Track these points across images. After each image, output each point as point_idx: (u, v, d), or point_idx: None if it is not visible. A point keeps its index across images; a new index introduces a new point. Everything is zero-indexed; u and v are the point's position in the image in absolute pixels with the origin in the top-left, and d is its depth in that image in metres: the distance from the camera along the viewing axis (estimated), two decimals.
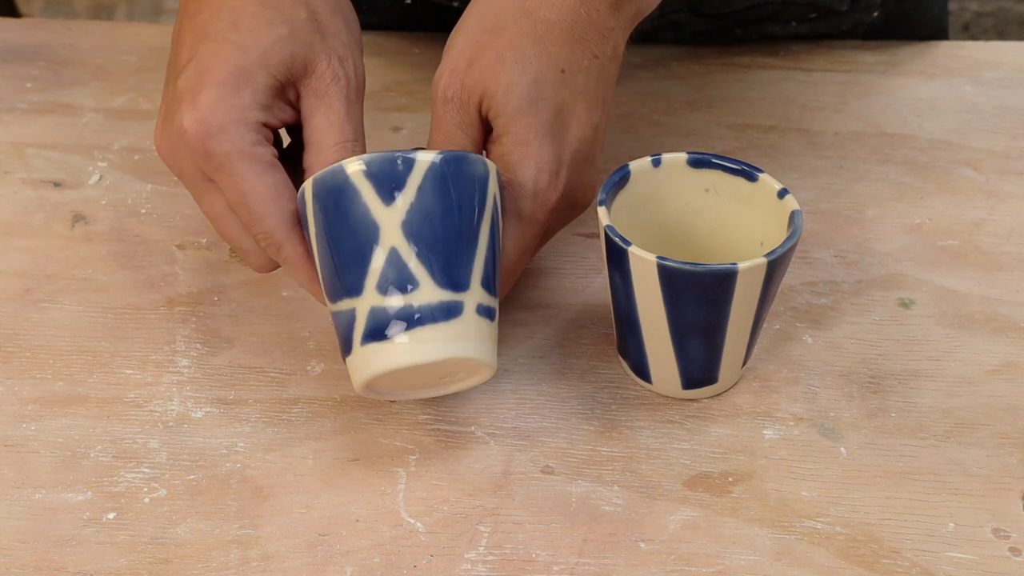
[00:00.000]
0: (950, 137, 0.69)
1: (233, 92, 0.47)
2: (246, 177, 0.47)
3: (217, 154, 0.47)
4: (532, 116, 0.49)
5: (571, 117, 0.50)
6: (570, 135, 0.50)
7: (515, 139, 0.49)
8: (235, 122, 0.47)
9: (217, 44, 0.48)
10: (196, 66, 0.48)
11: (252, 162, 0.47)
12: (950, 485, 0.49)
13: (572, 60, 0.50)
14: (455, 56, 0.51)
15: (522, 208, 0.50)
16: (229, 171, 0.47)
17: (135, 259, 0.60)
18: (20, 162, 0.67)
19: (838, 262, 0.60)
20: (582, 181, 0.51)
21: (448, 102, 0.50)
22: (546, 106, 0.49)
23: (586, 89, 0.50)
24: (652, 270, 0.47)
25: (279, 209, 0.47)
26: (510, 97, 0.49)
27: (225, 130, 0.47)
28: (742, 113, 0.71)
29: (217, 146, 0.47)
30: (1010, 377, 0.54)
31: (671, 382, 0.52)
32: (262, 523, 0.47)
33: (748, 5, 0.73)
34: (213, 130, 0.47)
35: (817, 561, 0.46)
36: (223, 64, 0.48)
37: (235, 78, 0.47)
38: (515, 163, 0.49)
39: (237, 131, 0.47)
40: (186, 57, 0.49)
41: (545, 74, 0.49)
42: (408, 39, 0.77)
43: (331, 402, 0.52)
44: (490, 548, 0.46)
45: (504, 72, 0.49)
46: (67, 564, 0.46)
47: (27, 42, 0.77)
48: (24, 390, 0.53)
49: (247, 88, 0.48)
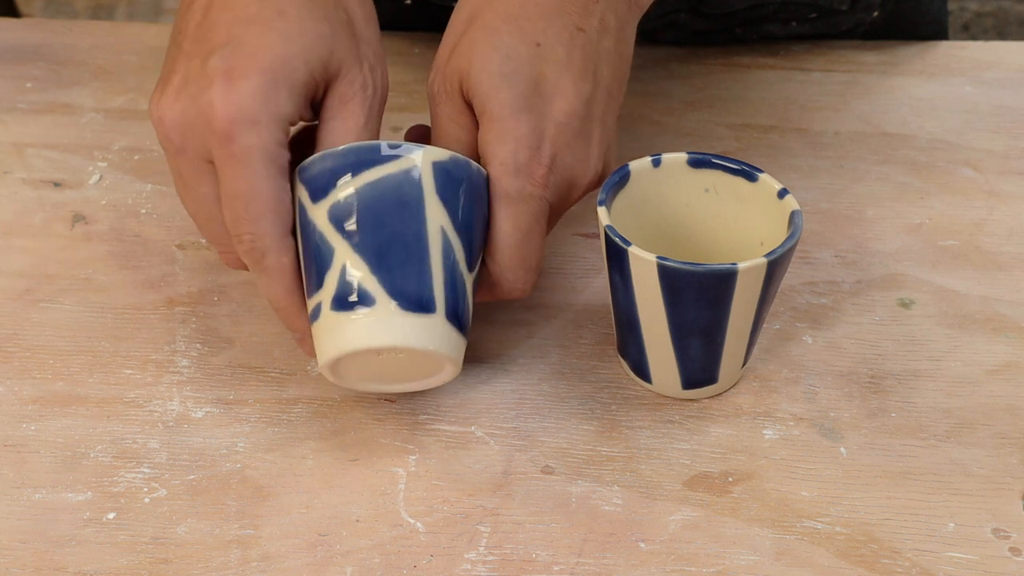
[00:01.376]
0: (950, 137, 0.69)
1: (272, 85, 0.46)
2: (258, 174, 0.46)
3: (240, 144, 0.46)
4: (505, 91, 0.48)
5: (554, 90, 0.49)
6: (553, 108, 0.49)
7: (490, 117, 0.48)
8: (269, 117, 0.46)
9: (263, 29, 0.47)
10: (237, 48, 0.46)
11: (269, 162, 0.46)
12: (950, 485, 0.49)
13: (550, 33, 0.49)
14: (440, 53, 0.51)
15: (509, 187, 0.48)
16: (245, 163, 0.46)
17: (135, 259, 0.60)
18: (20, 162, 0.67)
19: (838, 262, 0.60)
20: (575, 156, 0.50)
21: (435, 96, 0.50)
22: (520, 80, 0.48)
23: (569, 62, 0.49)
24: (652, 270, 0.47)
25: (278, 216, 0.47)
26: (483, 76, 0.48)
27: (257, 124, 0.46)
28: (742, 113, 0.71)
29: (244, 137, 0.46)
30: (1010, 377, 0.54)
31: (671, 382, 0.52)
32: (262, 523, 0.47)
33: (748, 5, 0.73)
34: (246, 120, 0.46)
35: (817, 561, 0.46)
36: (267, 52, 0.46)
37: (277, 69, 0.46)
38: (493, 141, 0.48)
39: (268, 127, 0.46)
40: (223, 37, 0.47)
41: (518, 49, 0.48)
42: (408, 39, 0.77)
43: (331, 402, 0.52)
44: (490, 548, 0.46)
45: (476, 53, 0.48)
46: (67, 564, 0.46)
47: (27, 42, 0.77)
48: (24, 390, 0.53)
49: (286, 82, 0.47)
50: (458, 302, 0.47)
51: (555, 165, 0.49)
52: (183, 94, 0.47)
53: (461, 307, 0.47)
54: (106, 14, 2.07)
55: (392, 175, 0.46)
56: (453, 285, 0.47)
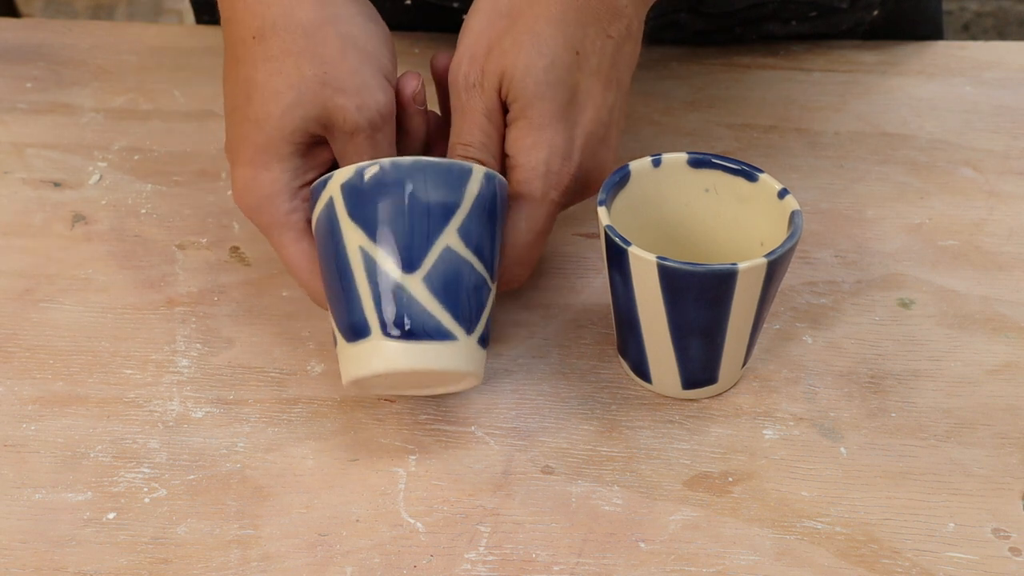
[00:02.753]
0: (950, 137, 0.69)
1: (262, 169, 0.50)
2: (284, 244, 0.51)
3: (261, 225, 0.52)
4: (548, 100, 0.49)
5: (587, 99, 0.51)
6: (585, 117, 0.51)
7: (530, 123, 0.50)
8: (268, 197, 0.51)
9: (239, 119, 0.51)
10: (229, 141, 0.52)
11: (287, 231, 0.51)
12: (950, 485, 0.49)
13: (587, 41, 0.50)
14: (472, 42, 0.51)
15: (534, 190, 0.50)
16: (273, 238, 0.51)
17: (135, 259, 0.60)
18: (20, 162, 0.67)
19: (838, 262, 0.60)
20: (596, 163, 0.52)
21: (471, 89, 0.50)
22: (562, 89, 0.50)
23: (599, 70, 0.51)
24: (652, 270, 0.47)
25: (315, 275, 0.51)
26: (527, 81, 0.49)
27: (260, 207, 0.51)
28: (742, 113, 0.71)
29: (258, 219, 0.51)
30: (1010, 377, 0.54)
31: (671, 382, 0.52)
32: (262, 523, 0.47)
33: (748, 5, 0.73)
34: (252, 206, 0.51)
35: (817, 561, 0.46)
36: (247, 144, 0.51)
37: (260, 156, 0.50)
38: (529, 146, 0.50)
39: (272, 204, 0.51)
40: (226, 123, 0.52)
41: (562, 56, 0.49)
42: (408, 39, 0.77)
43: (331, 402, 0.52)
44: (490, 548, 0.46)
45: (522, 55, 0.49)
46: (67, 564, 0.46)
47: (27, 42, 0.77)
48: (24, 390, 0.53)
49: (273, 162, 0.50)
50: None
51: (579, 172, 0.51)
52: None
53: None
54: (106, 14, 2.07)
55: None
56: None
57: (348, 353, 0.47)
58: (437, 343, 0.46)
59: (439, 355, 0.46)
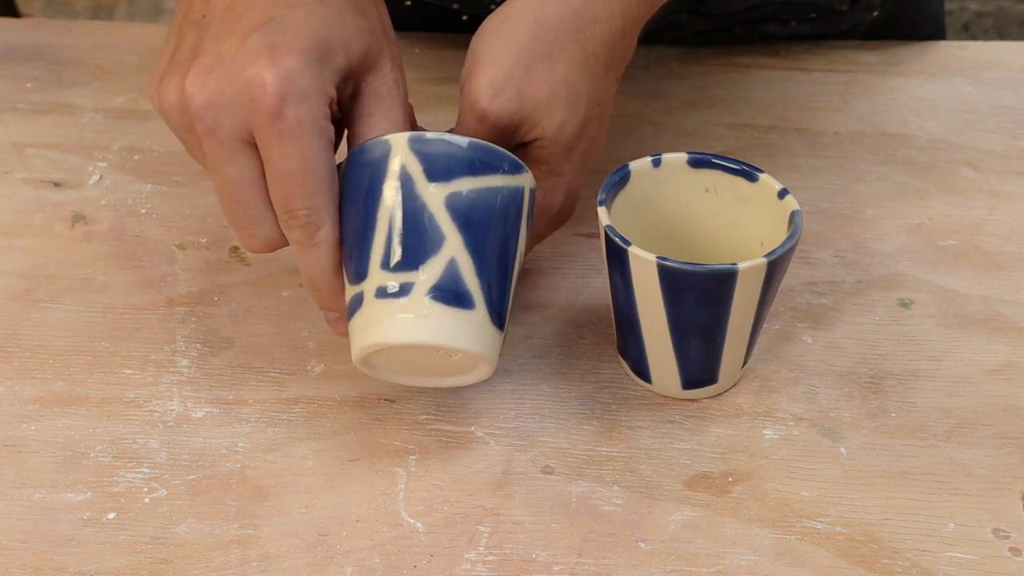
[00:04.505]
0: (950, 137, 0.69)
1: (318, 63, 0.46)
2: (311, 148, 0.46)
3: (292, 118, 0.45)
4: (574, 157, 0.52)
5: (593, 144, 0.54)
6: (589, 159, 0.54)
7: (552, 169, 0.52)
8: (317, 92, 0.46)
9: (307, 12, 0.47)
10: (279, 27, 0.46)
11: (320, 136, 0.46)
12: (950, 485, 0.49)
13: (606, 92, 0.53)
14: (496, 72, 0.50)
15: (541, 227, 0.54)
16: (298, 137, 0.46)
17: (135, 259, 0.60)
18: (20, 162, 0.67)
19: (838, 262, 0.60)
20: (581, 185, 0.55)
21: (492, 126, 0.50)
22: (585, 142, 0.52)
23: (606, 115, 0.54)
24: (652, 270, 0.47)
25: (332, 190, 0.47)
26: (560, 136, 0.51)
27: (308, 97, 0.45)
28: (742, 113, 0.71)
29: (295, 111, 0.45)
30: (1010, 377, 0.54)
31: (671, 382, 0.52)
32: (262, 523, 0.47)
33: (748, 5, 0.73)
34: (297, 94, 0.45)
35: (817, 561, 0.46)
36: (310, 33, 0.46)
37: (322, 50, 0.46)
38: (548, 189, 0.52)
39: (317, 101, 0.46)
40: (261, 18, 0.47)
41: (590, 113, 0.52)
42: (408, 39, 0.77)
43: (331, 402, 0.52)
44: (490, 548, 0.46)
45: (558, 112, 0.50)
46: (67, 564, 0.46)
47: (27, 42, 0.77)
48: (24, 390, 0.53)
49: (328, 64, 0.47)
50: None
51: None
52: (217, 72, 0.46)
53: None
54: (106, 14, 2.07)
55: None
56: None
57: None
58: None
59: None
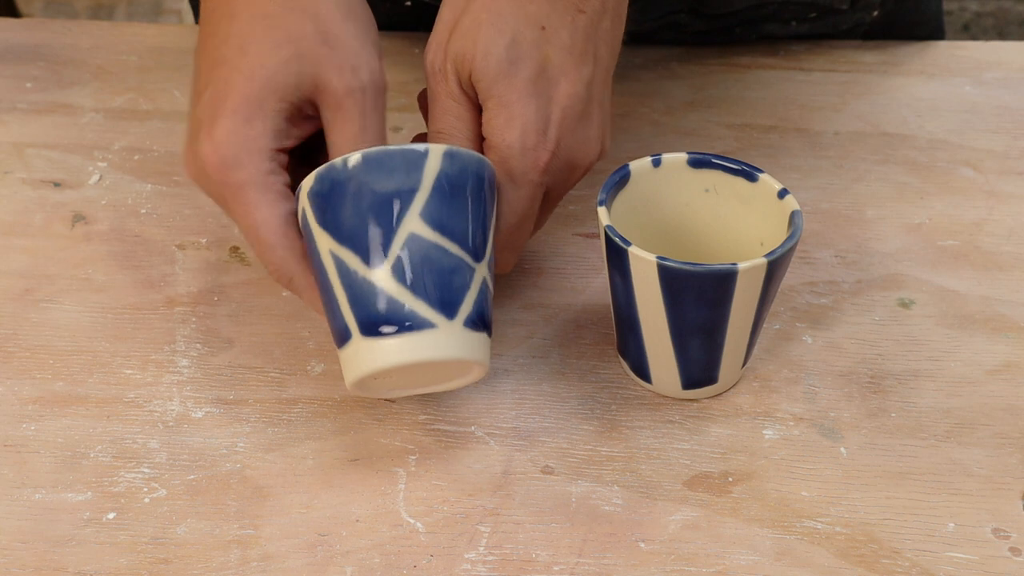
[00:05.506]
0: (950, 137, 0.69)
1: (245, 122, 0.48)
2: (259, 206, 0.48)
3: (232, 184, 0.48)
4: (513, 76, 0.48)
5: (559, 74, 0.49)
6: (559, 92, 0.49)
7: (498, 102, 0.49)
8: (249, 152, 0.48)
9: (228, 72, 0.48)
10: (211, 95, 0.49)
11: (265, 192, 0.48)
12: (950, 485, 0.49)
13: (553, 16, 0.49)
14: (439, 28, 0.50)
15: (512, 169, 0.49)
16: (244, 201, 0.48)
17: (135, 259, 0.60)
18: (20, 162, 0.67)
19: (838, 262, 0.60)
20: (577, 139, 0.50)
21: (436, 75, 0.50)
22: (527, 65, 0.48)
23: (572, 44, 0.49)
24: (652, 270, 0.47)
25: (289, 240, 0.48)
26: (488, 60, 0.48)
27: (240, 161, 0.48)
28: (742, 113, 0.71)
29: (232, 176, 0.48)
30: (1010, 377, 0.54)
31: (671, 382, 0.52)
32: (262, 523, 0.47)
33: (748, 5, 0.73)
34: (228, 161, 0.48)
35: (817, 561, 0.46)
36: (234, 94, 0.48)
37: (246, 107, 0.48)
38: (501, 126, 0.49)
39: (251, 161, 0.48)
40: (203, 84, 0.50)
41: (524, 32, 0.48)
42: (408, 39, 0.77)
43: (331, 402, 0.52)
44: (490, 548, 0.46)
45: (481, 35, 0.48)
46: (67, 564, 0.46)
47: (27, 42, 0.77)
48: (24, 390, 0.53)
49: (258, 117, 0.48)
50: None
51: (559, 149, 0.49)
52: (189, 148, 0.49)
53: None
54: (106, 14, 2.07)
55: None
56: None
57: (342, 359, 0.46)
58: (415, 334, 0.44)
59: (417, 346, 0.44)
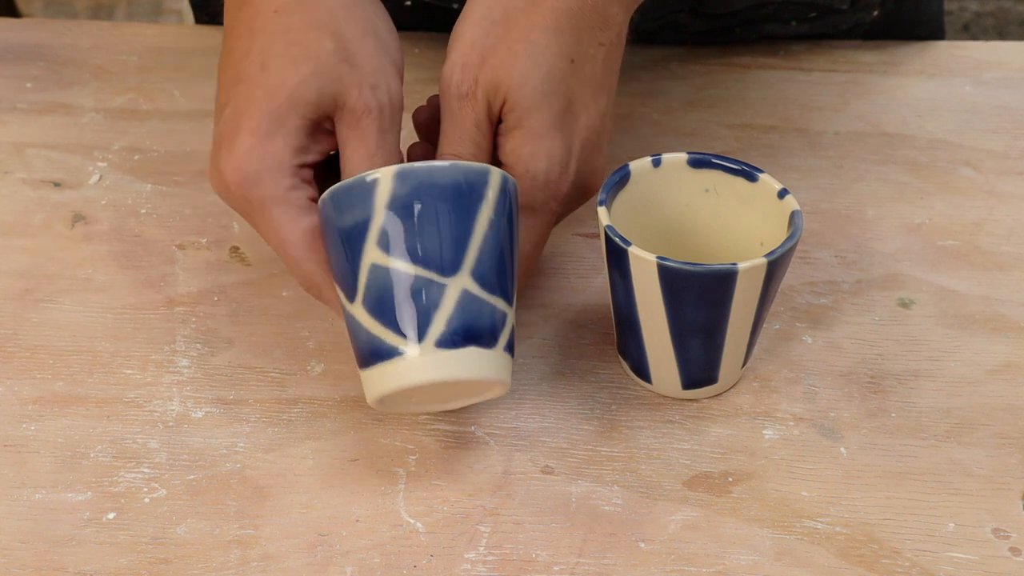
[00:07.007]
0: (950, 137, 0.69)
1: (266, 139, 0.48)
2: (282, 223, 0.48)
3: (254, 200, 0.48)
4: (545, 110, 0.49)
5: (580, 108, 0.51)
6: (579, 125, 0.51)
7: (528, 133, 0.50)
8: (269, 169, 0.48)
9: (248, 88, 0.49)
10: (231, 112, 0.49)
11: (287, 207, 0.48)
12: (950, 485, 0.49)
13: (580, 49, 0.50)
14: (466, 50, 0.50)
15: (534, 200, 0.50)
16: (267, 217, 0.48)
17: (135, 259, 0.60)
18: (20, 162, 0.67)
19: (838, 262, 0.60)
20: (591, 168, 0.52)
21: (464, 98, 0.50)
22: (558, 99, 0.50)
23: (592, 77, 0.51)
24: (652, 270, 0.47)
25: (314, 253, 0.48)
26: (524, 91, 0.49)
27: (260, 178, 0.48)
28: (742, 113, 0.71)
29: (254, 193, 0.48)
30: (1010, 377, 0.54)
31: (671, 382, 0.52)
32: (262, 523, 0.47)
33: (748, 5, 0.73)
34: (249, 178, 0.48)
35: (817, 561, 0.46)
36: (254, 110, 0.48)
37: (267, 124, 0.48)
38: (527, 156, 0.50)
39: (272, 178, 0.48)
40: (223, 100, 0.50)
41: (557, 65, 0.49)
42: (408, 39, 0.77)
43: (331, 402, 0.52)
44: (490, 548, 0.46)
45: (518, 66, 0.49)
46: (67, 564, 0.46)
47: (27, 42, 0.77)
48: (24, 390, 0.53)
49: (279, 133, 0.48)
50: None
51: (576, 179, 0.51)
52: (213, 165, 0.50)
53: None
54: (106, 14, 2.07)
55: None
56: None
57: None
58: (386, 364, 0.45)
59: (385, 376, 0.45)
